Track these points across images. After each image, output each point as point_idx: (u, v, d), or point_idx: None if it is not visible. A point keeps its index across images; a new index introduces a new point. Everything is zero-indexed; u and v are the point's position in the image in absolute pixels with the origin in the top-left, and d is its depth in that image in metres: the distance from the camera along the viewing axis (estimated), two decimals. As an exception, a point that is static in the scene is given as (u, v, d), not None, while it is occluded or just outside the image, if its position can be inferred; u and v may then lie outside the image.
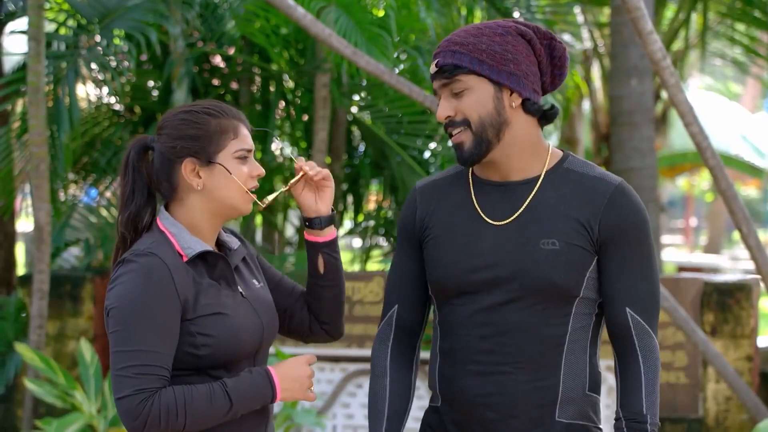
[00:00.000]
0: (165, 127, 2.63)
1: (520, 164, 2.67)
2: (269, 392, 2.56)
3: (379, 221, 8.01)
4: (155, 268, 2.52)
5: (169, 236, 2.59)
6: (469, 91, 2.62)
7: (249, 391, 2.54)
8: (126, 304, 2.51)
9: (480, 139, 2.62)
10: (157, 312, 2.50)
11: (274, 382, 2.56)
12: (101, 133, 7.57)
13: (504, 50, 2.62)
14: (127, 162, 2.65)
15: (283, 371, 2.59)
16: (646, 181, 7.53)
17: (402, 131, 7.43)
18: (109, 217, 7.38)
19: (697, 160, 13.21)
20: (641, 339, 2.63)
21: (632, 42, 7.55)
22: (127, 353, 2.49)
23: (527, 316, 2.61)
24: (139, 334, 2.49)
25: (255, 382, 2.55)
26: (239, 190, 2.61)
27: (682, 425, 6.34)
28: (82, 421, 5.65)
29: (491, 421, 2.63)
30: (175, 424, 2.48)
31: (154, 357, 2.49)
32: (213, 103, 2.65)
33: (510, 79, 2.61)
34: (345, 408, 6.34)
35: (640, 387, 2.62)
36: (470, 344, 2.65)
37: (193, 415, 2.49)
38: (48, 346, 6.62)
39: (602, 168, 2.71)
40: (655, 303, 2.66)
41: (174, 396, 2.48)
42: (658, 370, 2.64)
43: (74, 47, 6.62)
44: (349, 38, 5.98)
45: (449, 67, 2.62)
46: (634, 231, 2.62)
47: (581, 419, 2.65)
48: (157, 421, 2.47)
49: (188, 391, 2.50)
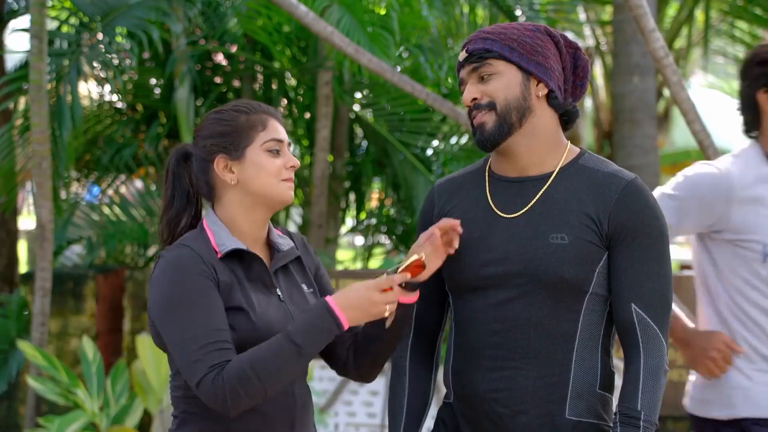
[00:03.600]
0: (200, 129, 2.69)
1: (537, 158, 2.68)
2: (331, 322, 2.51)
3: (381, 219, 8.01)
4: (187, 257, 2.55)
5: (208, 233, 2.63)
6: (498, 75, 2.66)
7: (311, 328, 2.50)
8: (167, 297, 2.54)
9: (503, 121, 2.66)
10: (198, 292, 2.52)
11: (334, 312, 2.51)
12: (103, 130, 7.58)
13: (534, 43, 2.67)
14: (168, 169, 2.71)
15: (345, 298, 2.53)
16: (648, 178, 7.52)
17: (404, 129, 7.43)
18: (111, 215, 7.38)
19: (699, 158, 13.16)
20: (645, 336, 2.61)
21: (634, 40, 7.55)
22: (185, 341, 2.50)
23: (537, 311, 2.62)
24: (190, 319, 2.51)
25: (314, 319, 2.51)
26: (272, 179, 2.63)
27: (684, 423, 6.34)
28: (84, 418, 5.66)
29: (500, 417, 2.63)
30: (255, 388, 2.47)
31: (211, 334, 2.50)
32: (243, 101, 2.70)
33: (538, 68, 2.66)
34: (347, 406, 6.34)
35: (638, 383, 2.60)
36: (481, 339, 2.66)
37: (268, 373, 2.48)
38: (50, 344, 6.63)
39: (617, 165, 2.71)
40: (664, 302, 2.64)
41: (240, 362, 2.48)
42: (660, 369, 2.62)
43: (76, 45, 6.62)
44: (351, 36, 5.98)
45: (480, 52, 2.67)
46: (644, 227, 2.62)
47: (592, 417, 2.64)
48: (235, 392, 2.47)
49: (253, 353, 2.49)
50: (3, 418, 6.87)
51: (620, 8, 7.67)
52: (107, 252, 7.25)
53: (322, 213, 7.30)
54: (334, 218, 7.79)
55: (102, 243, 7.18)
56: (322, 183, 7.22)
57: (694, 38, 9.91)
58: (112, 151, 7.34)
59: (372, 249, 8.19)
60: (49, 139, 6.15)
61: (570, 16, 8.89)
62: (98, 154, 7.47)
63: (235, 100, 2.73)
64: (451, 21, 7.56)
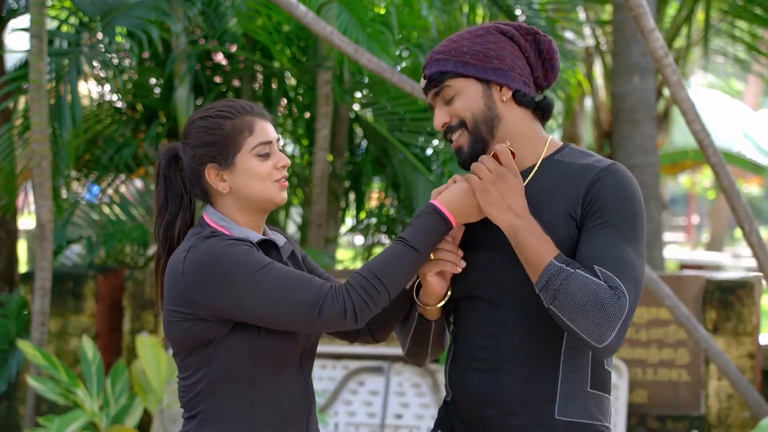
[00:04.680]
0: (187, 136, 2.67)
1: (516, 156, 2.67)
2: (441, 222, 2.57)
3: (381, 219, 8.01)
4: (222, 239, 2.56)
5: (221, 230, 2.63)
6: (459, 94, 2.66)
7: (424, 231, 2.56)
8: (233, 280, 2.52)
9: (476, 138, 2.65)
10: (256, 258, 2.54)
11: (444, 213, 2.57)
12: (103, 130, 7.58)
13: (486, 49, 2.65)
14: (158, 171, 2.70)
15: (447, 200, 2.59)
16: (647, 178, 7.52)
17: (404, 129, 7.42)
18: (110, 215, 7.38)
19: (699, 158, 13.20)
20: (610, 286, 2.50)
21: (634, 39, 7.55)
22: (282, 292, 2.51)
23: (524, 314, 2.62)
24: (268, 277, 2.51)
25: (426, 223, 2.56)
26: (264, 183, 2.64)
27: (683, 423, 6.34)
28: (84, 418, 5.66)
29: (491, 418, 2.64)
30: (381, 296, 2.51)
31: (297, 274, 2.53)
32: (227, 103, 2.68)
33: (496, 74, 2.65)
34: (347, 405, 6.33)
35: (592, 276, 2.50)
36: (472, 342, 2.67)
37: (391, 279, 2.51)
38: (50, 344, 6.63)
39: (600, 156, 2.68)
40: (632, 273, 2.51)
41: (361, 276, 2.52)
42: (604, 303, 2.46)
43: (76, 45, 6.62)
44: (350, 36, 5.98)
45: (436, 75, 2.67)
46: (614, 206, 2.55)
47: (585, 418, 2.63)
48: (363, 303, 2.50)
49: (372, 264, 2.53)
50: (3, 418, 6.87)
51: (620, 8, 7.67)
52: (107, 251, 7.25)
53: (322, 212, 7.30)
54: (333, 218, 7.79)
55: (102, 242, 7.18)
56: (321, 182, 7.21)
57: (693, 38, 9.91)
58: (111, 150, 7.34)
59: (372, 248, 8.18)
60: (49, 138, 6.15)
61: (570, 16, 8.89)
62: (98, 153, 7.47)
63: (220, 102, 2.69)
64: (451, 21, 7.56)
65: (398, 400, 6.26)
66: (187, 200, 2.71)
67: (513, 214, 2.55)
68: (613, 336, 2.48)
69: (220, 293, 2.53)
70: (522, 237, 2.54)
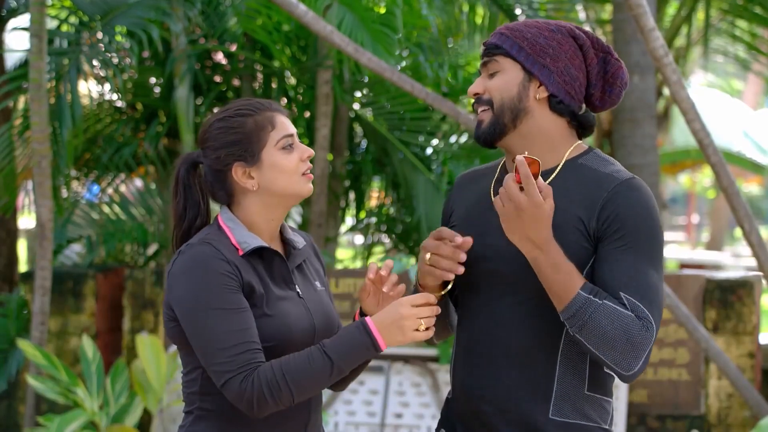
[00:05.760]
0: (207, 140, 2.66)
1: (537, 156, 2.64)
2: (368, 341, 2.50)
3: (381, 218, 8.01)
4: (210, 255, 2.55)
5: (226, 230, 2.62)
6: (501, 73, 2.66)
7: (347, 345, 2.51)
8: (191, 299, 2.53)
9: (497, 121, 2.65)
10: (224, 293, 2.52)
11: (371, 330, 2.50)
12: (103, 129, 7.58)
13: (547, 44, 2.64)
14: (178, 180, 2.68)
15: (380, 316, 2.52)
16: (647, 178, 7.52)
17: (404, 128, 7.42)
18: (110, 214, 7.38)
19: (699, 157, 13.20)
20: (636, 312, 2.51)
21: (634, 39, 7.54)
22: (214, 342, 2.50)
23: (523, 310, 2.61)
24: (217, 320, 2.50)
25: (351, 335, 2.51)
26: (292, 177, 2.64)
27: (683, 422, 6.34)
28: (83, 417, 5.66)
29: (486, 414, 2.63)
30: (283, 396, 2.48)
31: (242, 335, 2.50)
32: (244, 102, 2.67)
33: (541, 71, 2.63)
34: (347, 405, 6.33)
35: (620, 306, 2.50)
36: (473, 337, 2.68)
37: (297, 384, 2.48)
38: (50, 343, 6.63)
39: (621, 167, 2.65)
40: (655, 296, 2.53)
41: (272, 369, 2.48)
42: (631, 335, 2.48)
43: (76, 44, 6.62)
44: (353, 35, 5.98)
45: (491, 47, 2.67)
46: (633, 225, 2.55)
47: (580, 419, 2.62)
48: (263, 397, 2.48)
49: (285, 361, 2.49)
50: (3, 417, 6.87)
51: (620, 7, 7.66)
52: (107, 251, 7.25)
53: (322, 212, 7.30)
54: (333, 217, 7.79)
55: (102, 242, 7.18)
56: (321, 182, 7.21)
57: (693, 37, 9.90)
58: (111, 149, 7.34)
59: (372, 248, 8.18)
60: (49, 137, 6.15)
61: (569, 15, 8.88)
62: (98, 152, 7.47)
63: (235, 102, 2.68)
64: (451, 20, 7.56)
65: (398, 400, 6.26)
66: (204, 207, 2.70)
67: (534, 246, 2.51)
68: (639, 364, 2.52)
69: (179, 304, 2.56)
70: (544, 270, 2.52)
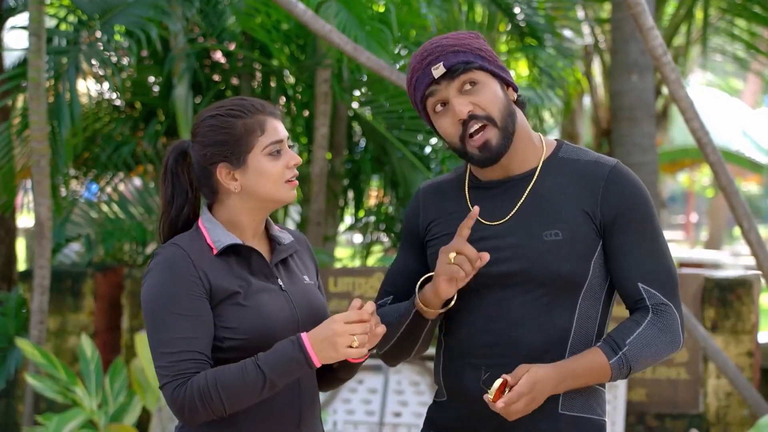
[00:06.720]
0: (197, 134, 2.66)
1: (520, 156, 2.67)
2: (301, 356, 2.49)
3: (380, 217, 8.01)
4: (177, 257, 2.56)
5: (203, 231, 2.63)
6: (482, 86, 2.61)
7: (280, 359, 2.50)
8: (152, 298, 2.55)
9: (506, 133, 2.62)
10: (184, 299, 2.53)
11: (305, 346, 2.49)
12: (102, 128, 7.57)
13: (488, 48, 2.66)
14: (166, 168, 2.69)
15: (314, 332, 2.51)
16: (646, 176, 7.52)
17: (403, 127, 7.42)
18: (109, 213, 7.38)
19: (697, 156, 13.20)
20: (657, 310, 2.61)
21: (633, 38, 7.55)
22: (161, 344, 2.53)
23: (532, 309, 2.61)
24: (169, 323, 2.52)
25: (285, 350, 2.50)
26: (276, 184, 2.62)
27: (682, 421, 6.34)
28: (82, 416, 5.66)
29: (495, 414, 2.61)
30: (215, 406, 2.49)
31: (187, 343, 2.51)
32: (238, 102, 2.66)
33: (505, 74, 2.65)
34: (346, 403, 6.33)
35: (636, 327, 2.60)
36: (474, 338, 2.65)
37: (229, 394, 2.48)
38: (49, 342, 6.63)
39: (596, 153, 2.71)
40: (671, 276, 2.63)
41: (205, 379, 2.49)
42: (664, 334, 2.60)
43: (75, 43, 6.62)
44: (349, 34, 5.97)
45: (460, 66, 2.59)
46: (636, 210, 2.62)
47: (586, 412, 2.64)
48: (194, 405, 2.49)
49: (219, 371, 2.50)
50: (2, 416, 6.87)
51: (619, 6, 7.67)
52: (106, 250, 7.25)
53: (321, 211, 7.30)
54: (332, 216, 7.79)
55: (100, 241, 7.17)
56: (320, 181, 7.21)
57: (692, 36, 9.90)
58: (110, 148, 7.34)
59: (370, 247, 8.18)
60: (48, 136, 6.15)
61: (568, 14, 8.90)
62: (97, 151, 7.46)
63: (231, 100, 2.67)
64: (450, 19, 7.55)
65: (397, 399, 6.26)
66: (192, 197, 2.70)
67: (555, 390, 2.57)
68: (682, 341, 2.65)
69: (143, 302, 2.59)
70: (575, 384, 2.59)
